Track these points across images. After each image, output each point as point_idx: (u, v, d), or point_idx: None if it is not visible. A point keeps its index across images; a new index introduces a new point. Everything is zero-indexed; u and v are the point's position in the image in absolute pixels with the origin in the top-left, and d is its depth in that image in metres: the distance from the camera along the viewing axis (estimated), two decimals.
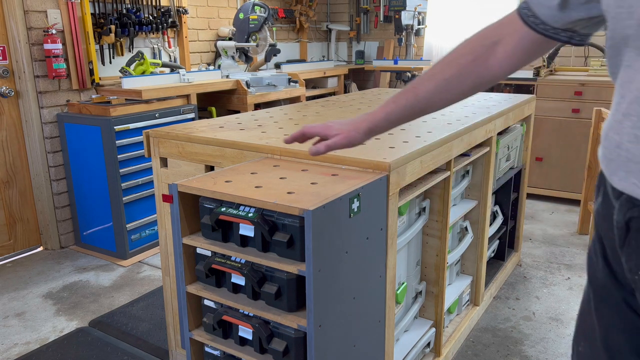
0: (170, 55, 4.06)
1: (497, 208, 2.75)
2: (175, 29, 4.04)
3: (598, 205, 0.99)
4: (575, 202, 4.10)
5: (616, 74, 0.83)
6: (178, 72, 3.62)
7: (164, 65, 3.74)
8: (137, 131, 3.17)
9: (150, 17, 3.75)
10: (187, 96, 3.52)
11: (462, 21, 5.04)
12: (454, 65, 1.03)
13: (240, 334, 1.33)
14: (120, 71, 3.52)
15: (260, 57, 4.40)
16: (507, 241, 2.91)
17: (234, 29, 4.16)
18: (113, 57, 3.62)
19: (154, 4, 3.80)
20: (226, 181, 1.34)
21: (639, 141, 0.79)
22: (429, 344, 2.03)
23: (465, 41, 1.04)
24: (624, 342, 0.99)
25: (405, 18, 4.81)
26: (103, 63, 3.55)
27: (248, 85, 3.85)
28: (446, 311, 2.23)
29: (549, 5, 0.92)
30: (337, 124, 1.18)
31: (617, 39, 0.80)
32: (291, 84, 4.26)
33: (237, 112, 3.70)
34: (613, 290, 0.98)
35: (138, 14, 3.65)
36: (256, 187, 1.29)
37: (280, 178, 1.36)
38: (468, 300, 2.46)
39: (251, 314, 1.29)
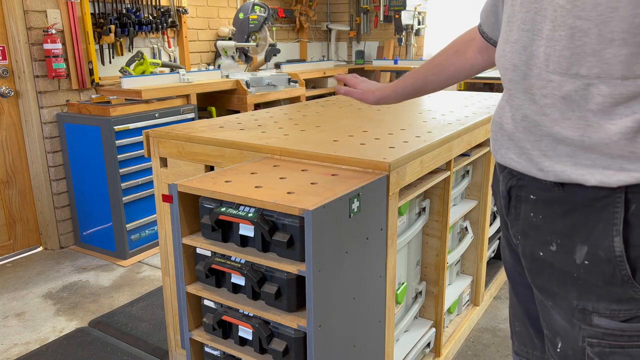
0: (170, 55, 4.06)
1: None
2: (175, 28, 4.04)
3: (492, 184, 1.21)
4: None
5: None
6: (178, 72, 3.62)
7: (164, 65, 3.74)
8: (137, 131, 3.17)
9: (150, 17, 3.75)
10: (187, 96, 3.52)
11: (462, 21, 5.03)
12: (442, 54, 1.37)
13: (240, 334, 1.33)
14: (120, 71, 3.52)
15: (260, 57, 4.40)
16: None
17: (234, 28, 4.16)
18: (113, 57, 3.62)
19: (153, 3, 3.80)
20: (226, 181, 1.34)
21: (514, 122, 1.01)
22: (429, 344, 2.03)
23: (454, 39, 1.37)
24: (537, 312, 1.15)
25: (405, 18, 4.81)
26: (103, 63, 3.55)
27: (248, 85, 3.85)
28: (446, 311, 2.23)
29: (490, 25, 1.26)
30: (365, 84, 1.49)
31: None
32: (291, 83, 4.25)
33: (237, 112, 3.70)
34: (517, 266, 1.18)
35: (138, 13, 3.65)
36: (256, 187, 1.29)
37: (280, 178, 1.36)
38: (468, 300, 2.46)
39: (251, 314, 1.29)
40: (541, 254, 1.01)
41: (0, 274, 3.07)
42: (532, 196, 1.02)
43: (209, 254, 1.35)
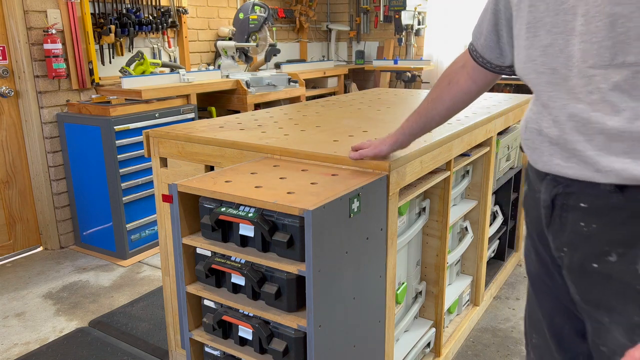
0: (170, 55, 4.06)
1: (497, 208, 2.75)
2: (175, 28, 4.04)
3: (525, 194, 1.16)
4: None
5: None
6: (178, 72, 3.62)
7: (164, 65, 3.74)
8: (137, 131, 3.17)
9: (150, 17, 3.75)
10: (187, 96, 3.52)
11: (462, 21, 5.03)
12: (436, 88, 1.34)
13: (240, 334, 1.33)
14: (120, 71, 3.52)
15: (260, 57, 4.40)
16: (507, 241, 2.91)
17: (234, 29, 4.16)
18: (113, 57, 3.62)
19: (154, 4, 3.80)
20: (226, 181, 1.34)
21: (558, 125, 0.95)
22: (429, 344, 2.03)
23: (444, 71, 1.35)
24: (563, 324, 1.13)
25: (405, 18, 4.81)
26: (103, 63, 3.55)
27: (248, 85, 3.85)
28: (446, 311, 2.23)
29: (492, 54, 1.22)
30: (375, 140, 1.45)
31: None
32: (291, 84, 4.25)
33: (237, 112, 3.70)
34: (546, 278, 1.13)
35: (138, 13, 3.65)
36: (256, 187, 1.29)
37: (280, 178, 1.36)
38: (468, 300, 2.46)
39: (251, 314, 1.29)
40: (595, 265, 0.94)
41: (0, 274, 3.07)
42: (582, 204, 0.95)
43: (209, 254, 1.35)
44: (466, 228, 2.32)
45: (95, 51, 3.42)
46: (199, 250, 1.37)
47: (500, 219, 2.74)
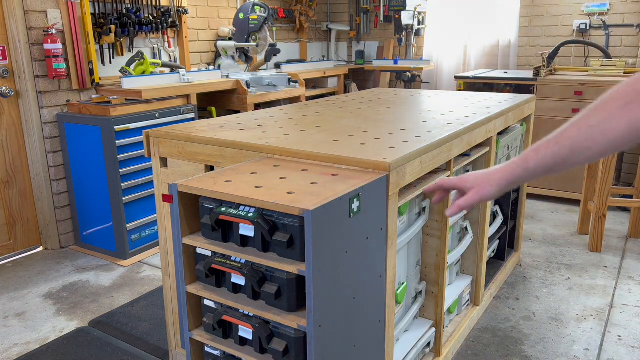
0: (170, 55, 4.06)
1: (497, 208, 2.75)
2: (175, 29, 4.04)
3: None
4: (575, 202, 4.10)
5: None
6: (178, 72, 3.62)
7: (164, 65, 3.74)
8: (137, 131, 3.17)
9: (150, 17, 3.75)
10: (187, 96, 3.52)
11: (462, 21, 5.03)
12: (600, 110, 0.89)
13: (240, 334, 1.33)
14: (120, 71, 3.52)
15: (260, 57, 4.40)
16: (507, 241, 2.91)
17: (234, 29, 4.16)
18: (113, 57, 3.62)
19: (154, 4, 3.80)
20: (226, 181, 1.34)
21: None
22: (429, 344, 2.03)
23: (613, 88, 0.91)
24: None
25: (405, 18, 4.81)
26: (103, 63, 3.55)
27: (248, 85, 3.85)
28: (446, 311, 2.23)
29: None
30: (471, 177, 1.07)
31: None
32: (291, 84, 4.25)
33: (237, 112, 3.69)
34: None
35: (138, 14, 3.65)
36: (256, 187, 1.29)
37: (280, 178, 1.36)
38: (468, 300, 2.46)
39: (251, 314, 1.29)
40: None
41: (0, 274, 3.07)
42: None
43: (209, 253, 1.35)
44: (466, 228, 2.32)
45: (96, 51, 3.42)
46: (199, 250, 1.37)
47: (500, 219, 2.74)
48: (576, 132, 0.91)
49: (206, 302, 1.39)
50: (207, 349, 1.44)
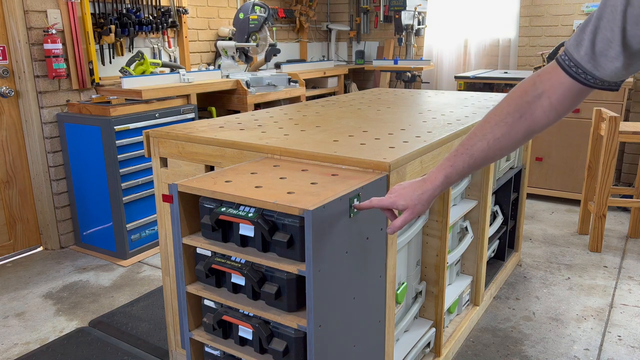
0: (170, 55, 4.06)
1: (497, 208, 2.75)
2: (175, 29, 4.04)
3: None
4: (575, 202, 4.10)
5: None
6: (178, 72, 3.62)
7: (164, 65, 3.74)
8: (137, 131, 3.17)
9: (150, 17, 3.75)
10: (187, 96, 3.52)
11: (462, 21, 5.03)
12: (502, 124, 1.09)
13: (240, 334, 1.33)
14: (120, 71, 3.52)
15: (260, 57, 4.40)
16: (507, 241, 2.91)
17: (234, 29, 4.16)
18: (113, 57, 3.62)
19: (154, 4, 3.80)
20: (226, 181, 1.34)
21: None
22: (429, 344, 2.03)
23: (506, 99, 1.10)
24: None
25: (405, 18, 4.81)
26: (103, 63, 3.55)
27: (248, 85, 3.85)
28: (446, 311, 2.23)
29: (614, 67, 0.95)
30: (401, 199, 1.21)
31: None
32: (291, 84, 4.25)
33: (237, 112, 3.70)
34: None
35: (138, 14, 3.65)
36: (256, 187, 1.29)
37: (280, 178, 1.36)
38: (468, 300, 2.46)
39: (251, 314, 1.29)
40: None
41: (0, 274, 3.07)
42: None
43: (209, 254, 1.35)
44: (466, 228, 2.32)
45: (96, 51, 3.42)
46: (199, 250, 1.37)
47: (500, 219, 2.74)
48: (486, 146, 1.11)
49: (206, 302, 1.39)
50: (207, 349, 1.44)
